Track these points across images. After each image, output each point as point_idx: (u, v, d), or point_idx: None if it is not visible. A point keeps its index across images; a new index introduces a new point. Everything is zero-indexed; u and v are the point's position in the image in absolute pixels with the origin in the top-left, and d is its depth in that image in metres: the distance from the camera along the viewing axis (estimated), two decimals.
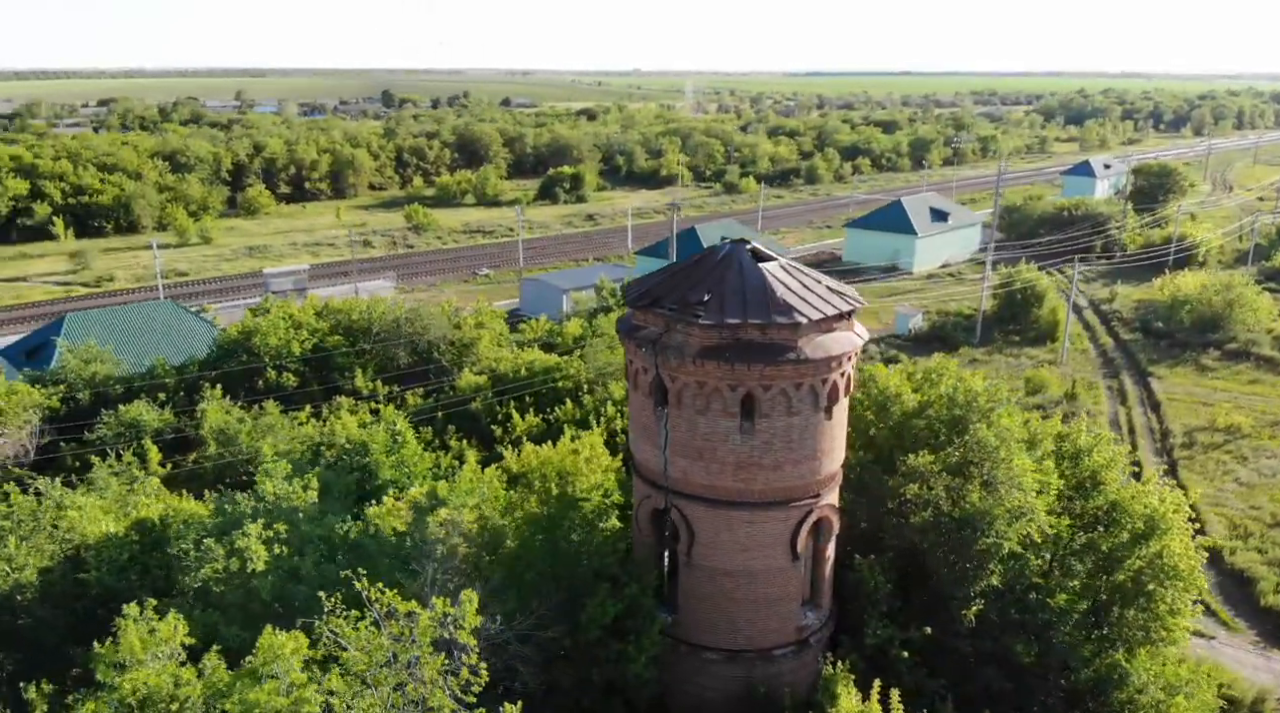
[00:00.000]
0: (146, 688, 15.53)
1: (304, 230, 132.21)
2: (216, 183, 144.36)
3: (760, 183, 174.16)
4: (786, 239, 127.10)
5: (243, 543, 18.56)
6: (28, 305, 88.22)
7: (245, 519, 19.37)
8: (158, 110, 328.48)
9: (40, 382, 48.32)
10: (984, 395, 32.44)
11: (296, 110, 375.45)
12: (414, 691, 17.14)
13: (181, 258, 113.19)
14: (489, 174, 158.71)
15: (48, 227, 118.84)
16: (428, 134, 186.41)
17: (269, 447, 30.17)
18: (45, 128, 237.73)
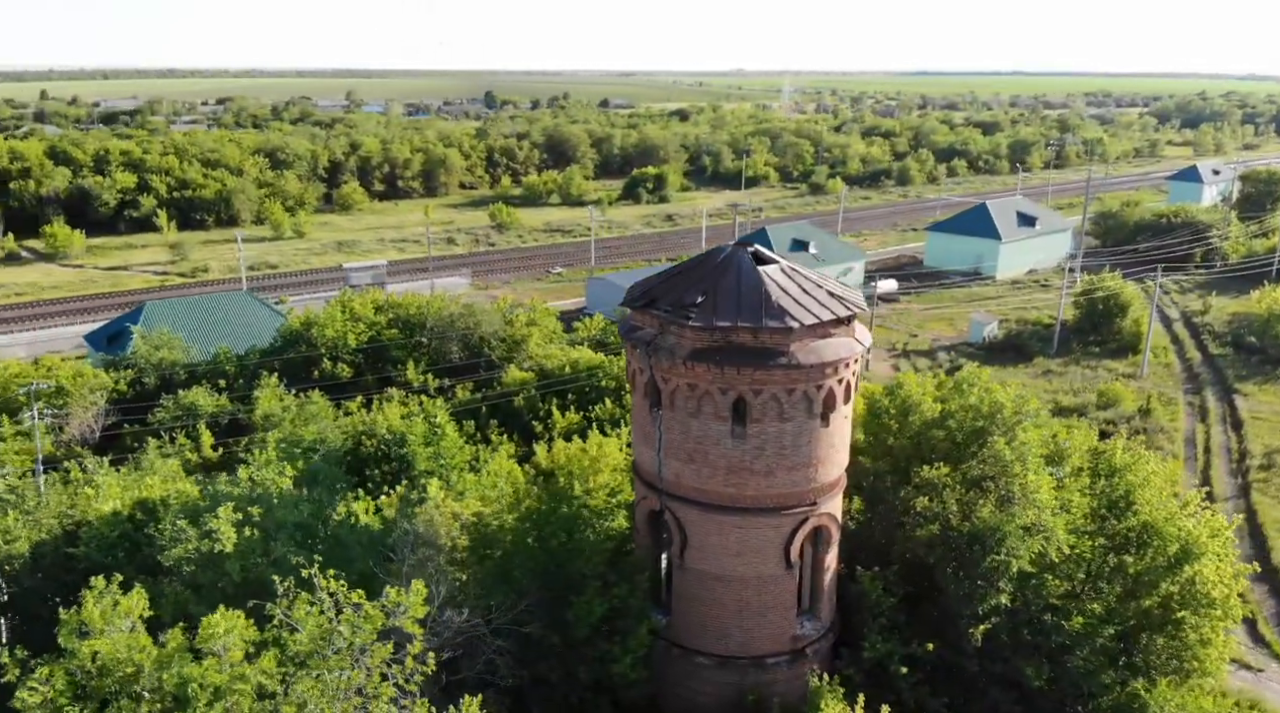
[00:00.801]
0: (102, 656, 16.38)
1: (393, 227, 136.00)
2: (313, 180, 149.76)
3: (847, 184, 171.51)
4: (867, 242, 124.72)
5: (214, 525, 19.41)
6: (123, 293, 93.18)
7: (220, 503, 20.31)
8: (270, 109, 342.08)
9: (113, 366, 51.06)
10: (1009, 407, 31.28)
11: (401, 110, 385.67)
12: (357, 676, 17.54)
13: (274, 251, 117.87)
14: (574, 174, 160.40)
15: (152, 219, 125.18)
16: (518, 135, 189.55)
17: (273, 436, 31.12)
18: (163, 124, 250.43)
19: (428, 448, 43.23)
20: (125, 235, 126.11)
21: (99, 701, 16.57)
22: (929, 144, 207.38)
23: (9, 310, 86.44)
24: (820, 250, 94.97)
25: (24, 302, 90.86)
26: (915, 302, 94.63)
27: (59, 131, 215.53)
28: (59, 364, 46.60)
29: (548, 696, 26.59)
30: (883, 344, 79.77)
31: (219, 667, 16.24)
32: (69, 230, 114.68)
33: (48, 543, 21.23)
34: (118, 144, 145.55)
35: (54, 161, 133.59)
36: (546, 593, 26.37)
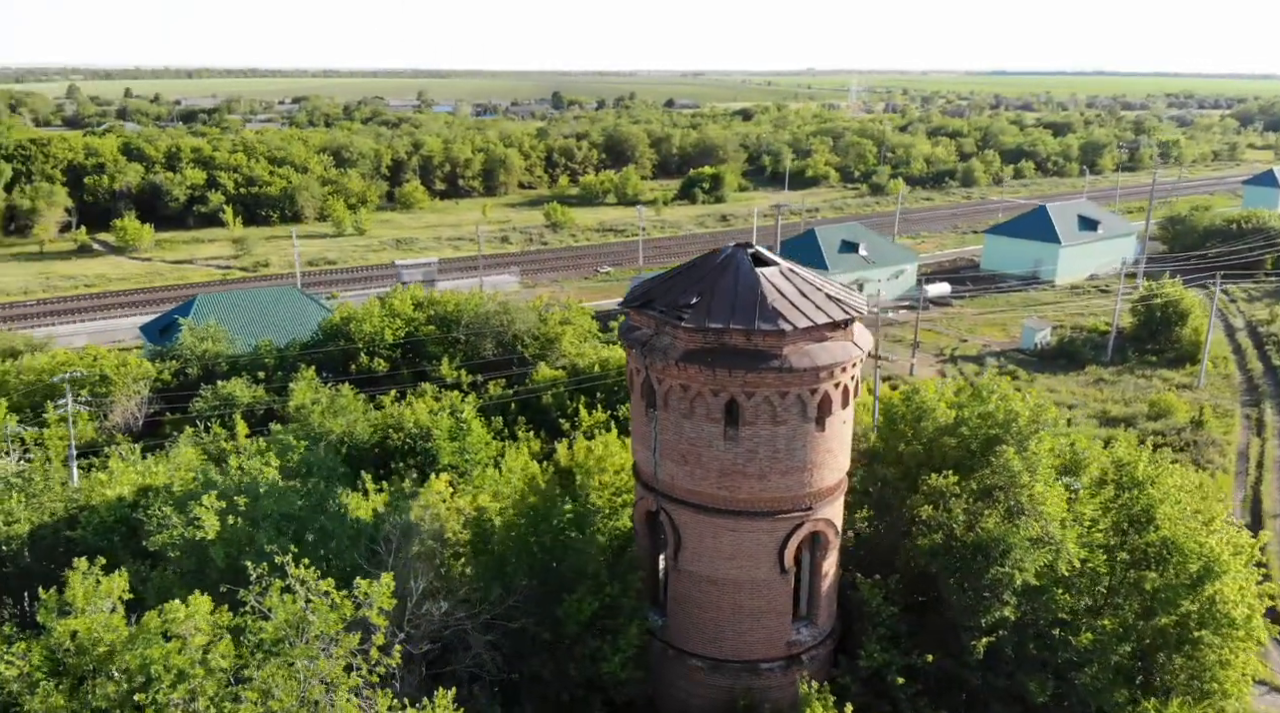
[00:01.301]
0: (80, 635, 17.05)
1: (451, 225, 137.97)
2: (376, 178, 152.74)
3: (910, 185, 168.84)
4: (925, 244, 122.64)
5: (198, 512, 20.02)
6: (183, 286, 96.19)
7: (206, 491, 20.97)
8: (342, 108, 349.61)
9: (159, 356, 52.83)
10: (1025, 416, 30.53)
11: (470, 110, 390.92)
12: (323, 665, 17.90)
13: (334, 247, 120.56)
14: (630, 174, 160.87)
15: (219, 214, 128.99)
16: (577, 135, 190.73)
17: (279, 428, 31.86)
18: (237, 122, 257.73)
19: (453, 443, 43.89)
20: (193, 230, 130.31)
21: (76, 678, 17.22)
22: (996, 145, 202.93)
23: (76, 301, 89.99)
24: (870, 252, 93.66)
25: (91, 293, 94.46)
26: (968, 306, 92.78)
27: (138, 128, 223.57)
28: (104, 353, 48.30)
29: (542, 692, 26.79)
30: (930, 349, 78.43)
31: (181, 650, 16.76)
32: (138, 224, 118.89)
33: (48, 526, 22.21)
34: (189, 141, 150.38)
35: (127, 158, 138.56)
36: (540, 589, 26.57)
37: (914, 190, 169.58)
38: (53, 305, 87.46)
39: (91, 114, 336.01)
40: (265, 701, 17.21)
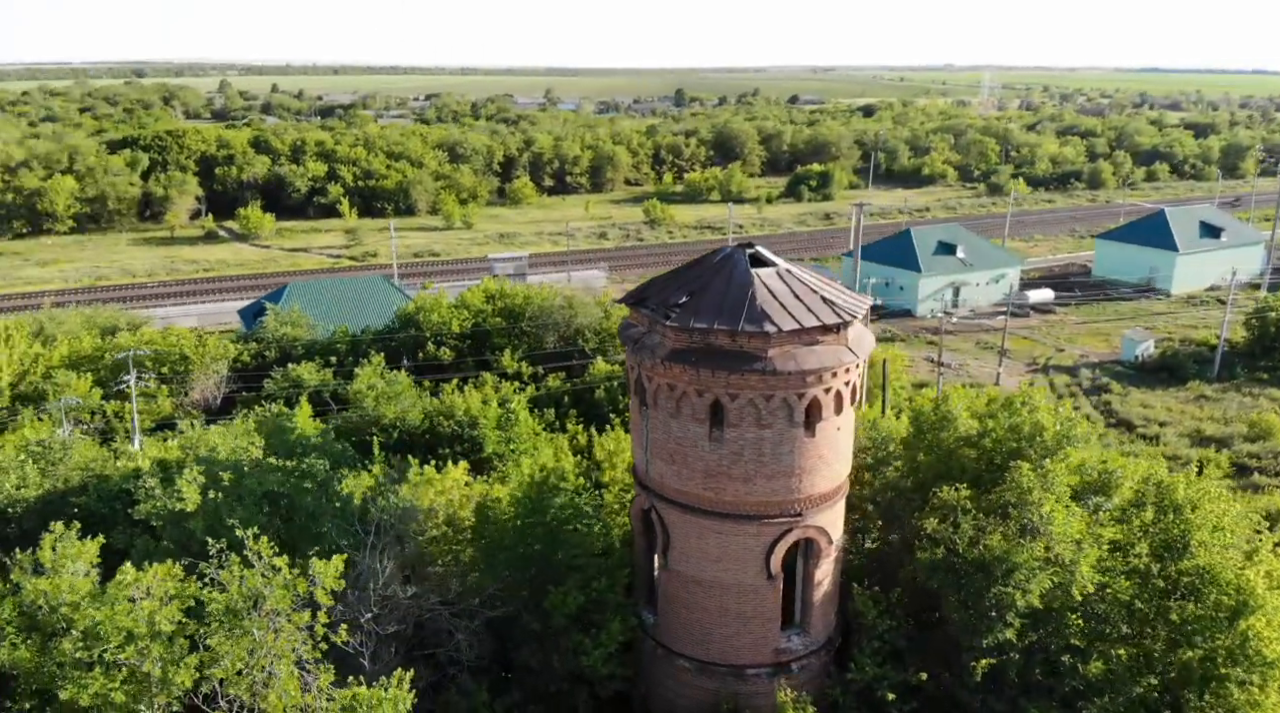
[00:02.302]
0: (44, 594, 18.41)
1: (555, 221, 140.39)
2: (488, 174, 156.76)
3: (1032, 186, 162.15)
4: (1037, 248, 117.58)
5: (181, 486, 21.27)
6: (288, 273, 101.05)
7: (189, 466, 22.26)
8: (470, 105, 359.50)
9: (243, 339, 55.84)
10: (1051, 431, 29.13)
11: (592, 108, 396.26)
12: (270, 638, 18.76)
13: (441, 240, 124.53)
14: (735, 171, 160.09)
15: (336, 205, 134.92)
16: (686, 132, 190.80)
17: (279, 409, 33.28)
18: (369, 118, 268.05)
19: (498, 432, 44.86)
20: (312, 220, 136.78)
21: (46, 634, 18.58)
22: (1130, 146, 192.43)
23: (192, 284, 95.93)
24: (969, 255, 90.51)
25: (207, 277, 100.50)
26: (1072, 314, 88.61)
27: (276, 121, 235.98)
28: (185, 334, 51.38)
29: (531, 682, 27.21)
30: (1023, 357, 75.37)
31: (130, 613, 17.88)
32: (261, 213, 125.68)
33: (58, 492, 24.01)
34: (313, 135, 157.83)
35: (256, 150, 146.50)
36: (534, 580, 26.98)
37: (1035, 191, 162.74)
38: (170, 287, 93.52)
39: (237, 108, 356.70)
40: (210, 667, 18.18)
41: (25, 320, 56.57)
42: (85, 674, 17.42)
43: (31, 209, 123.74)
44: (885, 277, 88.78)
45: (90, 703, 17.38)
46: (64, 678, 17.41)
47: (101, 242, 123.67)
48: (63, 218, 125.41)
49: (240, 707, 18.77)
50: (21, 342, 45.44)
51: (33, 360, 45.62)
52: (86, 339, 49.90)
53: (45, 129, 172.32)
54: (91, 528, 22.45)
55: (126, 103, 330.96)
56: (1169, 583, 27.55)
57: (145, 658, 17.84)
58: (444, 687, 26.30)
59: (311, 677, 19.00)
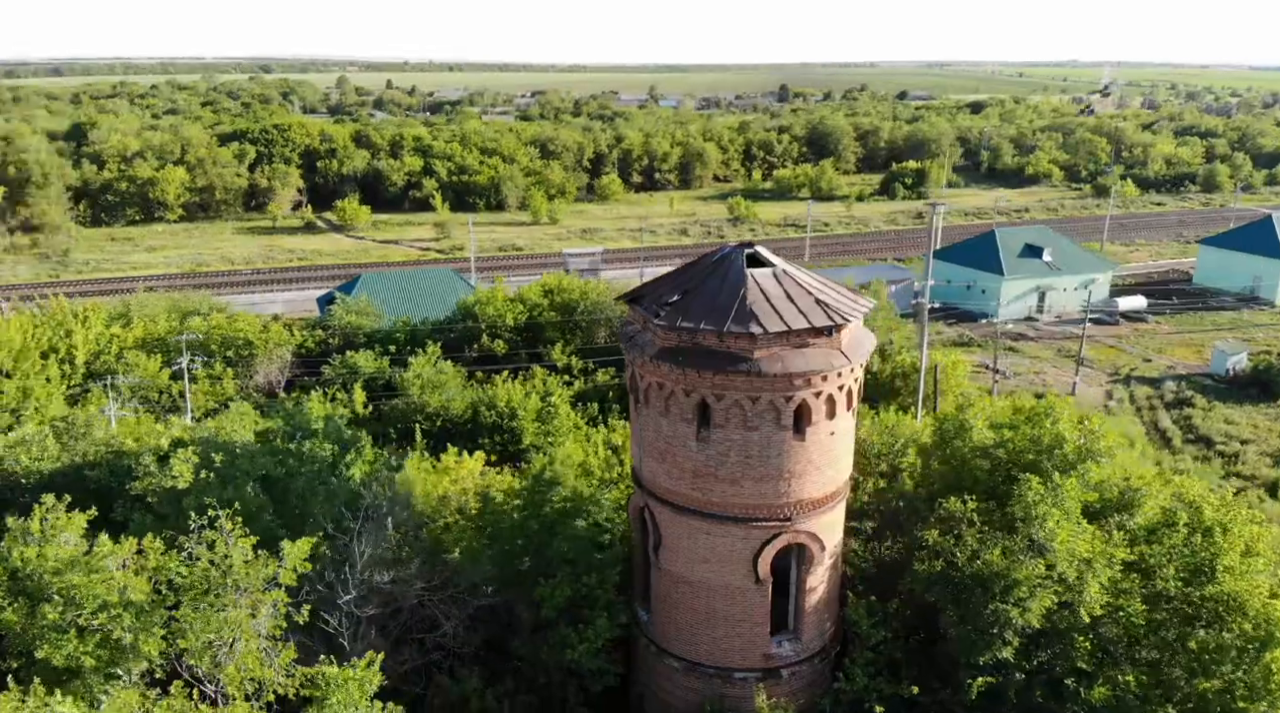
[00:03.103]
0: (26, 560, 19.65)
1: (639, 217, 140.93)
2: (578, 170, 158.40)
3: (1143, 187, 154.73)
4: (1137, 253, 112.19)
5: (174, 464, 22.34)
6: (379, 263, 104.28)
7: (183, 447, 23.36)
8: (573, 102, 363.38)
9: (311, 326, 58.01)
10: (1071, 444, 27.96)
11: (694, 105, 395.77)
12: (236, 615, 19.60)
13: (525, 234, 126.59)
14: (826, 168, 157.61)
15: (429, 200, 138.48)
16: (779, 128, 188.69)
17: (282, 396, 34.30)
18: (474, 114, 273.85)
19: (537, 424, 45.54)
20: (407, 213, 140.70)
21: (34, 600, 19.83)
22: (1253, 148, 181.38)
23: (283, 272, 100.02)
24: (1057, 258, 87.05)
25: (299, 265, 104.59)
26: (1166, 322, 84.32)
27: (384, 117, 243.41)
28: (251, 320, 53.65)
29: (525, 672, 27.61)
30: (1106, 366, 72.18)
31: (105, 581, 18.95)
32: (357, 205, 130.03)
33: (74, 466, 25.52)
34: (411, 131, 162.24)
35: (357, 144, 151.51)
36: (528, 571, 27.37)
37: (1145, 193, 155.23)
38: (263, 275, 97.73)
39: (352, 103, 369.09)
40: (176, 638, 19.11)
41: (113, 303, 60.02)
42: (61, 637, 18.53)
43: (145, 198, 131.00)
44: (966, 279, 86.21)
45: (64, 664, 18.50)
46: (42, 640, 18.55)
47: (208, 230, 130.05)
48: (173, 206, 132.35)
49: (210, 679, 19.67)
50: (98, 323, 48.35)
51: (109, 341, 48.42)
52: (162, 322, 52.68)
53: (164, 121, 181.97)
54: (101, 502, 23.81)
55: (247, 97, 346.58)
56: (1193, 609, 26.17)
57: (117, 625, 18.84)
58: (437, 672, 26.97)
59: (273, 653, 19.71)
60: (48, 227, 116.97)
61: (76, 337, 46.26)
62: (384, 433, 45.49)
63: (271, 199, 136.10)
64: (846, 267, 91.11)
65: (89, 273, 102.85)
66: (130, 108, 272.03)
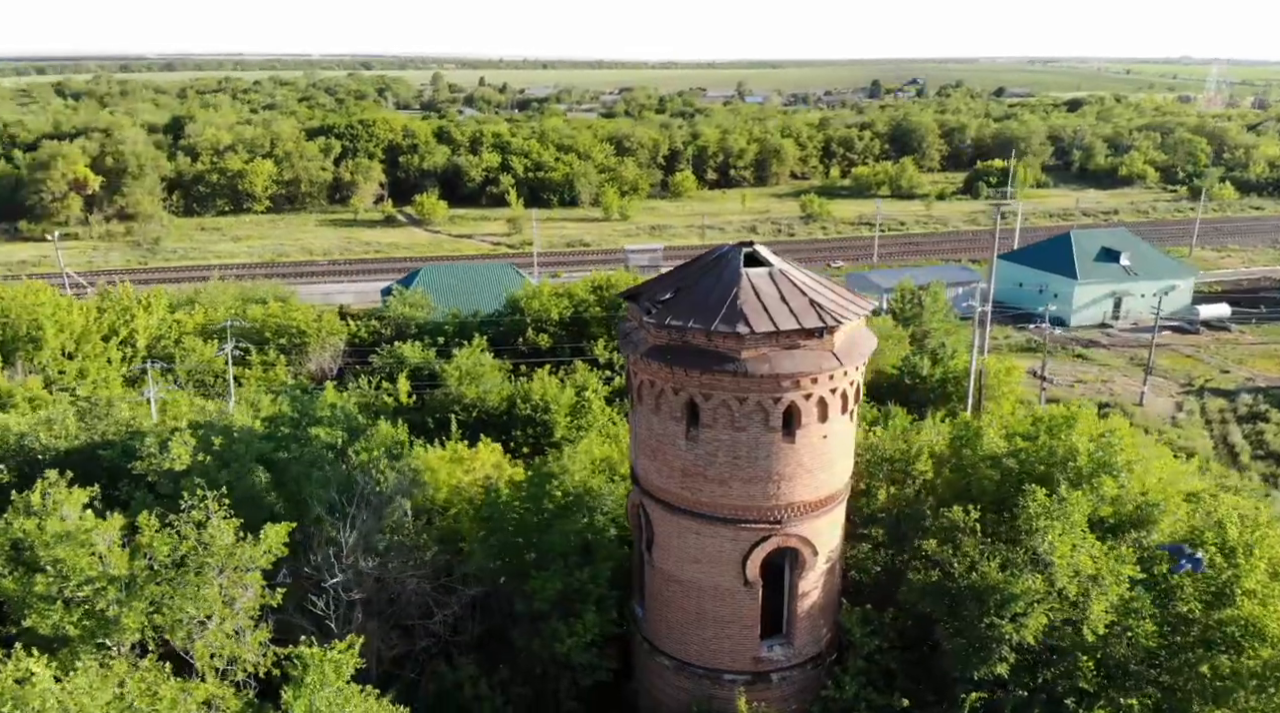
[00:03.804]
0: (26, 531, 20.78)
1: (711, 214, 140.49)
2: (652, 167, 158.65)
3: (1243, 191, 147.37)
4: (1228, 259, 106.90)
5: (174, 446, 23.31)
6: (449, 256, 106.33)
7: (181, 430, 24.33)
8: (657, 99, 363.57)
9: (367, 317, 59.58)
10: (1085, 455, 26.97)
11: (780, 101, 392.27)
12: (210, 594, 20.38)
13: (594, 230, 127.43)
14: (906, 166, 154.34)
15: (505, 195, 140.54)
16: (860, 125, 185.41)
17: (292, 383, 35.05)
18: (559, 111, 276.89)
19: (569, 419, 45.92)
20: (483, 208, 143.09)
21: (31, 570, 20.94)
22: None
23: (356, 263, 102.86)
24: (1135, 263, 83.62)
25: (374, 257, 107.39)
26: (1250, 332, 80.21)
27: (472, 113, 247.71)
28: (305, 310, 55.35)
29: (521, 663, 27.96)
30: (1179, 377, 69.12)
31: (90, 555, 19.91)
32: (435, 200, 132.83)
33: (91, 445, 26.78)
34: (491, 127, 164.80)
35: (438, 140, 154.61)
36: (528, 564, 27.69)
37: (1244, 197, 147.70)
38: (338, 266, 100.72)
39: (443, 100, 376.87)
40: (153, 613, 19.97)
41: (183, 291, 62.66)
42: (49, 607, 19.54)
43: (234, 189, 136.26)
44: (1038, 283, 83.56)
45: (49, 633, 19.51)
46: (30, 608, 19.61)
47: (293, 221, 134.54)
48: (260, 198, 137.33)
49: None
50: (160, 309, 50.60)
51: (170, 326, 50.63)
52: (222, 309, 54.80)
53: (260, 116, 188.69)
54: (113, 481, 24.98)
55: (343, 93, 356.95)
56: (1209, 633, 24.99)
57: (101, 598, 19.78)
58: (435, 658, 27.53)
59: (245, 632, 20.41)
60: (141, 215, 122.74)
61: (138, 321, 48.52)
62: (423, 422, 46.48)
63: (354, 193, 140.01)
64: (912, 267, 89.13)
65: (175, 261, 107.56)
66: (232, 102, 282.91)
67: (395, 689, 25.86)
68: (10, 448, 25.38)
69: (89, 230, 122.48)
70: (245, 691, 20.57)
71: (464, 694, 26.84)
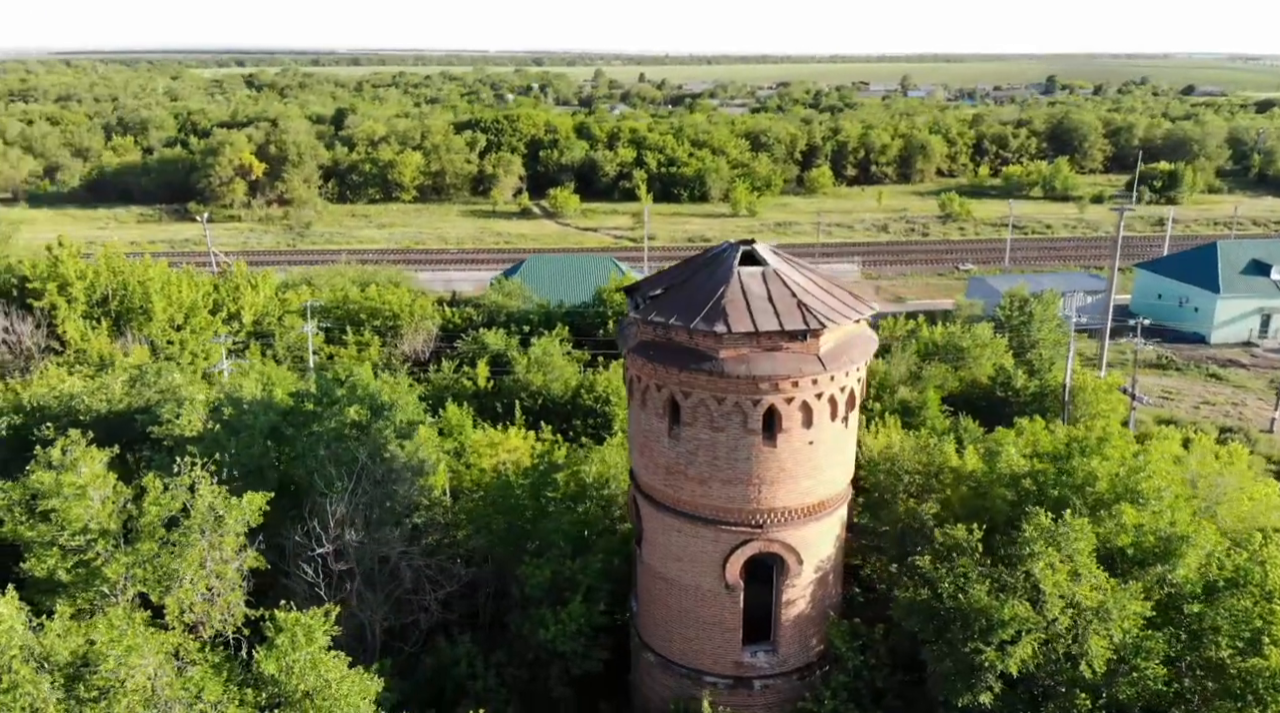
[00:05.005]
0: (43, 483, 22.88)
1: (843, 211, 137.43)
2: (788, 162, 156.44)
3: None
4: None
5: (185, 414, 25.00)
6: (572, 248, 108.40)
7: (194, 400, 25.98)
8: (815, 93, 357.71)
9: (464, 304, 61.77)
10: (1105, 481, 25.21)
11: (945, 96, 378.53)
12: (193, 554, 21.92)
13: (717, 226, 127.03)
14: (1061, 166, 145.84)
15: (635, 190, 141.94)
16: (1017, 122, 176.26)
17: (321, 362, 36.35)
18: (709, 107, 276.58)
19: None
20: (615, 202, 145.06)
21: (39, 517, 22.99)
22: None
23: (484, 253, 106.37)
24: None
25: (500, 247, 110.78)
26: None
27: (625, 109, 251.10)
28: (402, 295, 57.78)
29: (517, 648, 28.59)
30: None
31: (85, 506, 21.76)
32: (567, 193, 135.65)
33: (134, 409, 28.90)
34: (629, 123, 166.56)
35: (578, 135, 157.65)
36: (530, 551, 28.29)
37: None
38: (466, 254, 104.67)
39: (601, 96, 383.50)
40: (135, 566, 21.66)
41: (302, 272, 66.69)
42: (46, 552, 21.51)
43: (384, 179, 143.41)
44: (1178, 295, 77.59)
45: (43, 576, 21.48)
46: (30, 553, 21.64)
47: (436, 211, 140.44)
48: (408, 188, 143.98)
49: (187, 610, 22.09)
50: (266, 289, 54.15)
51: (276, 305, 54.14)
52: (327, 291, 58.09)
53: (419, 109, 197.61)
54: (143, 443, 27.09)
55: (507, 89, 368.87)
56: (1229, 681, 22.94)
57: (91, 549, 21.61)
58: (435, 633, 28.52)
59: (217, 593, 21.82)
60: (297, 201, 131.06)
61: (245, 298, 52.12)
62: (493, 406, 47.94)
63: (495, 185, 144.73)
64: (1037, 273, 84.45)
65: (321, 244, 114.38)
66: (401, 96, 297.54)
67: (393, 661, 27.06)
68: (59, 409, 27.99)
69: (250, 213, 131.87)
70: (218, 648, 21.93)
71: (460, 671, 27.66)
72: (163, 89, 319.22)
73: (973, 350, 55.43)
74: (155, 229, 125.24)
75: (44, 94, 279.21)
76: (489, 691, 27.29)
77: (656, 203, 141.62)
